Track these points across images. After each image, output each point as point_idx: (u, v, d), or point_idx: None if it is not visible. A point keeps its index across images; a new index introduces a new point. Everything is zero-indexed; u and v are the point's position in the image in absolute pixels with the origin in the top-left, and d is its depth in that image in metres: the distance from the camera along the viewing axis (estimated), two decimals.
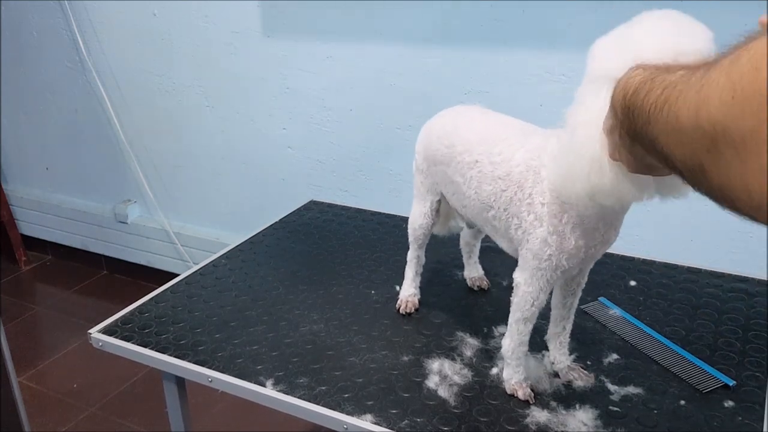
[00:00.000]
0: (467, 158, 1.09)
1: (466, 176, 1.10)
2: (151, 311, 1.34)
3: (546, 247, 0.97)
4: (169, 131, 2.53)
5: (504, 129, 1.08)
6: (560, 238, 0.95)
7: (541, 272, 0.99)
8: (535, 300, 1.02)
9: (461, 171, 1.11)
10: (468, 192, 1.10)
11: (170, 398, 1.31)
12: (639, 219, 1.77)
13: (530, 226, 0.98)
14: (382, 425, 1.01)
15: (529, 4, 1.74)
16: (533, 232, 0.98)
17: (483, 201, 1.07)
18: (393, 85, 2.02)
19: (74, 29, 2.55)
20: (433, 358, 1.16)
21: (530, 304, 1.03)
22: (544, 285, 1.01)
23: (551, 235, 0.96)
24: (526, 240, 1.00)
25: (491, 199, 1.05)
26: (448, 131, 1.16)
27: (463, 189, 1.11)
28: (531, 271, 1.00)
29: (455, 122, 1.16)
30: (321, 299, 1.37)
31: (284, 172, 2.33)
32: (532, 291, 1.02)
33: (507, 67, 1.82)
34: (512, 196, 1.01)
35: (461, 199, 1.14)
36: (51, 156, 2.93)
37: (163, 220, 2.68)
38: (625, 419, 1.01)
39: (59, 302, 2.83)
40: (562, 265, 0.97)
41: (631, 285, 1.36)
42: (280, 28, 2.15)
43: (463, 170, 1.10)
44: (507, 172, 1.02)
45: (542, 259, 0.98)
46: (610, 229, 0.96)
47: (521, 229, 1.00)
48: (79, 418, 2.10)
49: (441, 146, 1.16)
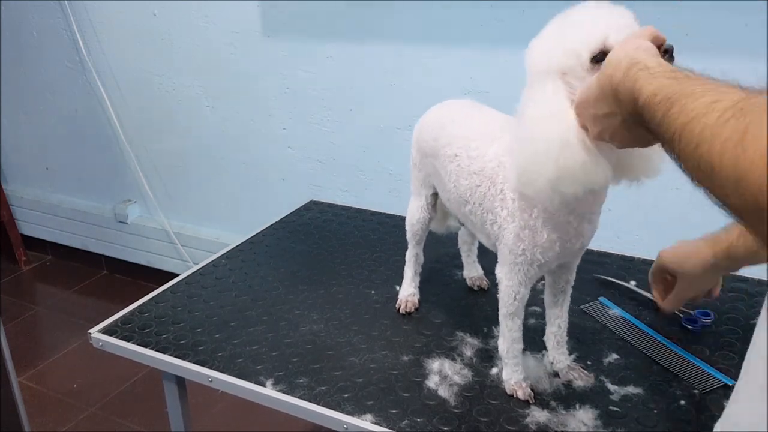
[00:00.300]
0: (448, 152, 1.10)
1: (447, 169, 1.11)
2: (151, 311, 1.34)
3: (519, 242, 0.97)
4: (169, 131, 2.53)
5: (485, 124, 1.09)
6: (532, 233, 0.95)
7: (518, 267, 0.99)
8: (516, 294, 1.02)
9: (444, 164, 1.12)
10: (449, 186, 1.11)
11: (170, 398, 1.31)
12: (639, 219, 1.77)
13: (504, 221, 0.99)
14: (382, 425, 1.01)
15: (529, 4, 1.74)
16: (507, 227, 0.99)
17: (461, 195, 1.08)
18: (393, 85, 2.02)
19: (74, 29, 2.55)
20: (433, 358, 1.16)
21: (512, 298, 1.03)
22: (523, 279, 1.01)
23: (523, 230, 0.96)
24: (501, 235, 1.00)
25: (467, 193, 1.06)
26: (436, 124, 1.17)
27: (445, 182, 1.12)
28: (509, 266, 1.01)
29: (443, 116, 1.18)
30: (321, 299, 1.37)
31: (284, 172, 2.33)
32: (513, 285, 1.02)
33: (507, 67, 1.82)
34: (486, 191, 1.02)
35: (445, 193, 1.15)
36: (51, 156, 2.93)
37: (163, 220, 2.68)
38: (625, 419, 1.00)
39: (59, 302, 2.83)
40: (537, 259, 0.97)
41: (631, 285, 1.36)
42: (280, 28, 2.15)
43: (445, 163, 1.11)
44: (481, 167, 1.03)
45: (517, 254, 0.98)
46: (582, 222, 0.95)
47: (496, 224, 1.01)
48: (79, 418, 2.10)
49: (429, 139, 1.17)
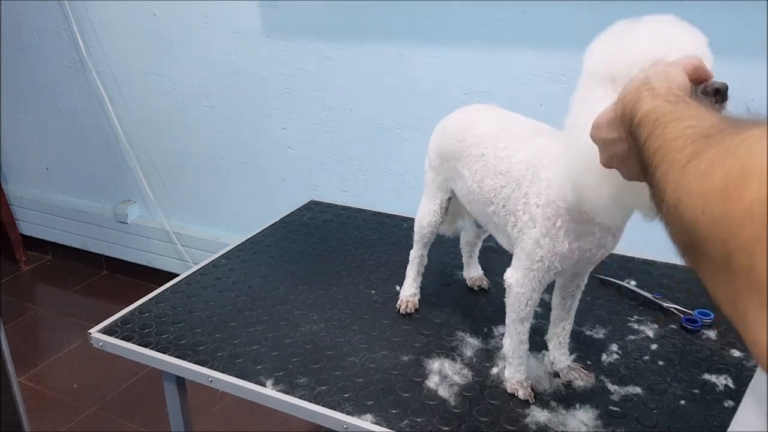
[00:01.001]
0: (474, 151, 1.09)
1: (472, 169, 1.10)
2: (151, 311, 1.34)
3: (538, 248, 0.96)
4: (169, 131, 2.53)
5: (514, 126, 1.08)
6: (553, 241, 0.94)
7: (533, 273, 0.99)
8: (528, 300, 1.02)
9: (468, 164, 1.11)
10: (472, 186, 1.10)
11: (170, 398, 1.32)
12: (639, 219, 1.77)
13: (525, 225, 0.98)
14: (382, 425, 1.01)
15: (529, 4, 1.74)
16: (527, 232, 0.97)
17: (485, 195, 1.07)
18: (393, 85, 2.02)
19: (74, 29, 2.55)
20: (433, 358, 1.16)
21: (524, 304, 1.02)
22: (537, 285, 1.00)
23: (543, 237, 0.95)
24: (520, 239, 0.99)
25: (491, 194, 1.05)
26: (462, 127, 1.15)
27: (469, 183, 1.11)
28: (523, 271, 1.00)
29: (470, 118, 1.16)
30: (321, 299, 1.37)
31: (284, 172, 2.33)
32: (525, 291, 1.01)
33: (507, 67, 1.82)
34: (510, 193, 1.01)
35: (467, 194, 1.13)
36: (51, 156, 2.93)
37: (163, 220, 2.67)
38: (625, 419, 1.00)
39: (59, 302, 2.83)
40: (554, 267, 0.97)
41: (631, 285, 1.36)
42: (280, 28, 2.15)
43: (470, 163, 1.10)
44: (508, 168, 1.02)
45: (534, 260, 0.97)
46: (607, 235, 0.94)
47: (516, 227, 1.00)
48: (79, 418, 2.10)
49: (454, 141, 1.15)
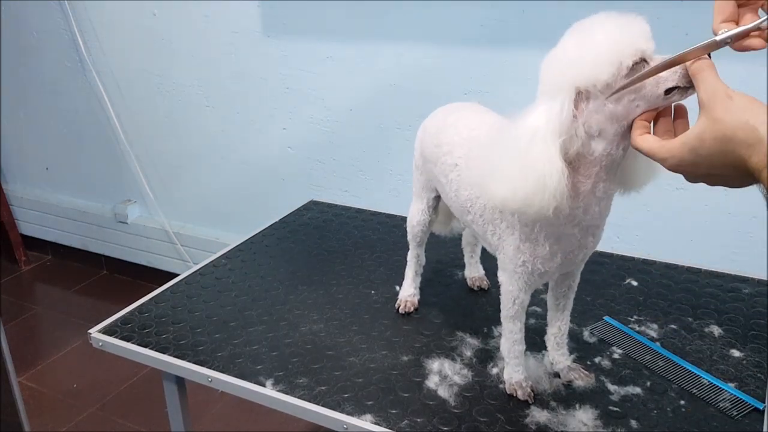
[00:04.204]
0: (449, 160, 1.09)
1: (448, 178, 1.10)
2: (151, 311, 1.34)
3: (519, 254, 0.96)
4: (169, 131, 2.53)
5: (484, 132, 1.06)
6: (533, 245, 0.95)
7: (518, 275, 0.99)
8: (516, 299, 1.02)
9: (444, 172, 1.11)
10: (450, 194, 1.10)
11: (170, 398, 1.31)
12: (639, 219, 1.77)
13: (504, 233, 0.98)
14: (382, 425, 1.00)
15: (529, 4, 1.74)
16: (507, 239, 0.98)
17: (462, 204, 1.07)
18: (393, 85, 2.02)
19: (74, 29, 2.55)
20: (433, 358, 1.16)
21: (512, 302, 1.03)
22: (523, 286, 1.00)
23: (523, 242, 0.95)
24: (501, 246, 1.00)
25: (468, 204, 1.05)
26: (437, 130, 1.15)
27: (446, 190, 1.11)
28: (509, 273, 1.00)
29: (445, 123, 1.15)
30: (321, 299, 1.37)
31: (284, 172, 2.33)
32: (513, 290, 1.01)
33: (507, 67, 1.82)
34: (486, 203, 1.00)
35: (448, 200, 1.14)
36: (51, 156, 2.93)
37: (163, 220, 2.68)
38: (625, 419, 1.00)
39: (59, 302, 2.83)
40: (538, 269, 0.97)
41: (632, 285, 1.36)
42: (280, 28, 2.15)
43: (446, 171, 1.10)
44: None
45: (517, 264, 0.98)
46: (587, 235, 0.94)
47: (496, 235, 1.00)
48: (79, 418, 2.10)
49: (431, 145, 1.16)
